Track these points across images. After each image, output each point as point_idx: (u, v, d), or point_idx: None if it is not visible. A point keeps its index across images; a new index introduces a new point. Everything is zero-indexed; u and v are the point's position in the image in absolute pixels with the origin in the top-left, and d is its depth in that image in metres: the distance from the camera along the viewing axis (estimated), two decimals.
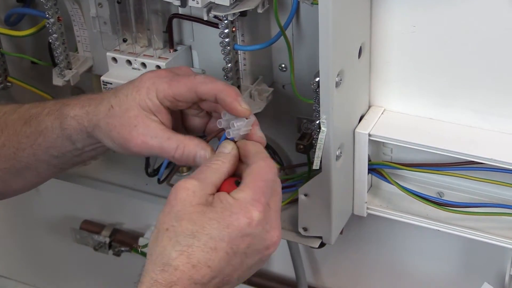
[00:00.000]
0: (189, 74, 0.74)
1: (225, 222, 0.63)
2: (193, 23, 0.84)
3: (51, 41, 0.89)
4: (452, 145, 0.78)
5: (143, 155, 0.73)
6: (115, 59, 0.86)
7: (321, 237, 0.83)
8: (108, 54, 0.86)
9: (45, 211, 1.25)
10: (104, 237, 1.18)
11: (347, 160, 0.81)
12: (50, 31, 0.88)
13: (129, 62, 0.85)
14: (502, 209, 0.80)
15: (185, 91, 0.71)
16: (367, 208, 0.85)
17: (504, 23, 0.74)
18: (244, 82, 0.84)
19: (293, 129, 0.88)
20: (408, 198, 0.82)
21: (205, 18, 0.78)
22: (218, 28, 0.78)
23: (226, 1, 0.75)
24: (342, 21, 0.71)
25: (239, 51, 0.81)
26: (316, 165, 0.77)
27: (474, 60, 0.78)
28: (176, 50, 0.85)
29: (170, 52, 0.85)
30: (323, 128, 0.75)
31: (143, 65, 0.85)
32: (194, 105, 0.73)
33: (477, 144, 0.78)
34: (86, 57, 0.93)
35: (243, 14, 0.78)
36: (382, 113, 0.84)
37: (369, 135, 0.81)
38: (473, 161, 0.78)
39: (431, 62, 0.80)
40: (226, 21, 0.77)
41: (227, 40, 0.78)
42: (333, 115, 0.74)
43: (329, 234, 0.83)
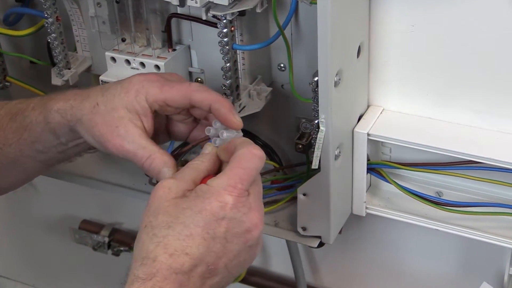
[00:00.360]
0: (181, 80, 0.75)
1: (198, 208, 0.63)
2: (192, 22, 0.84)
3: (50, 40, 0.89)
4: (451, 144, 0.78)
5: (118, 156, 0.73)
6: (114, 59, 0.86)
7: (320, 237, 0.83)
8: (107, 53, 0.86)
9: (44, 210, 1.25)
10: (103, 237, 1.18)
11: (346, 159, 0.81)
12: (48, 30, 0.88)
13: (128, 61, 0.85)
14: (501, 208, 0.80)
15: (178, 97, 0.71)
16: (366, 207, 0.85)
17: (503, 23, 0.74)
18: (243, 81, 0.84)
19: (292, 129, 0.88)
20: (407, 197, 0.82)
21: (204, 17, 0.78)
22: (216, 27, 0.78)
23: (224, 1, 0.75)
24: (340, 20, 0.71)
25: (238, 51, 0.81)
26: (315, 165, 0.77)
27: (473, 59, 0.77)
28: (175, 49, 0.85)
29: (169, 51, 0.85)
30: (322, 127, 0.75)
31: (142, 64, 0.85)
32: (182, 111, 0.74)
33: (476, 143, 0.78)
34: (85, 56, 0.93)
35: (241, 13, 0.78)
36: (381, 113, 0.84)
37: (368, 135, 0.81)
38: (472, 161, 0.78)
39: (430, 61, 0.80)
40: (224, 21, 0.77)
41: (225, 39, 0.78)
42: (332, 114, 0.74)
43: (328, 233, 0.83)
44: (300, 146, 0.83)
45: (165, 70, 0.83)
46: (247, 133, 0.92)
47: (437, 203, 0.81)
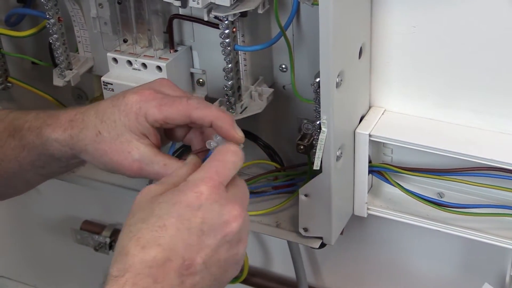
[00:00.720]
0: (174, 92, 0.73)
1: (173, 200, 0.61)
2: (194, 23, 0.84)
3: (51, 41, 0.89)
4: (452, 145, 0.78)
5: (135, 178, 0.72)
6: (115, 60, 0.86)
7: (321, 238, 0.83)
8: (108, 54, 0.86)
9: (45, 211, 1.25)
10: (104, 238, 1.18)
11: (348, 160, 0.81)
12: (50, 31, 0.88)
13: (129, 62, 0.85)
14: (502, 210, 0.80)
15: (177, 115, 0.70)
16: (368, 208, 0.85)
17: (504, 23, 0.74)
18: (244, 82, 0.84)
19: (294, 130, 0.88)
20: (408, 198, 0.82)
21: (206, 18, 0.78)
22: (218, 28, 0.78)
23: (226, 2, 0.75)
24: (342, 21, 0.71)
25: (239, 52, 0.81)
26: (316, 166, 0.77)
27: (474, 60, 0.78)
28: (176, 50, 0.85)
29: (170, 52, 0.85)
30: (323, 128, 0.75)
31: (143, 65, 0.85)
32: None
33: (478, 144, 0.78)
34: (86, 57, 0.93)
35: (243, 14, 0.78)
36: (382, 114, 0.84)
37: (370, 136, 0.81)
38: (475, 168, 0.77)
39: (432, 62, 0.80)
40: (226, 22, 0.77)
41: (227, 40, 0.78)
42: (333, 115, 0.74)
43: (329, 234, 0.83)
44: (301, 147, 0.83)
45: (167, 71, 0.83)
46: (248, 134, 0.92)
47: (439, 204, 0.81)
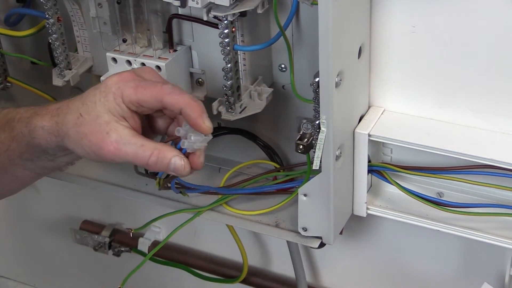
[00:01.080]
0: (155, 78, 0.74)
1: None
2: (193, 23, 0.84)
3: (51, 41, 0.89)
4: (452, 145, 0.78)
5: (116, 162, 0.72)
6: (115, 60, 0.86)
7: (320, 237, 0.84)
8: (108, 54, 0.86)
9: (45, 211, 1.25)
10: (104, 237, 1.18)
11: (347, 160, 0.81)
12: (50, 31, 0.88)
13: (129, 62, 0.85)
14: (502, 209, 0.80)
15: (150, 98, 0.71)
16: (367, 208, 0.85)
17: (504, 23, 0.74)
18: (244, 82, 0.84)
19: (293, 129, 0.88)
20: (408, 198, 0.82)
21: (205, 18, 0.78)
22: (217, 28, 0.78)
23: (225, 2, 0.75)
24: (342, 21, 0.71)
25: (238, 52, 0.81)
26: (316, 165, 0.77)
27: (473, 60, 0.78)
28: (176, 50, 0.85)
29: (170, 52, 0.85)
30: (323, 128, 0.75)
31: (142, 65, 0.84)
32: (157, 110, 0.73)
33: (477, 144, 0.78)
34: (86, 57, 0.93)
35: (242, 14, 0.78)
36: (382, 113, 0.84)
37: (369, 135, 0.81)
38: (474, 165, 0.78)
39: (431, 62, 0.80)
40: (225, 22, 0.77)
41: (226, 40, 0.78)
42: (333, 115, 0.74)
43: (328, 234, 0.83)
44: (301, 146, 0.83)
45: (166, 71, 0.83)
46: (248, 134, 0.92)
47: (438, 203, 0.81)
